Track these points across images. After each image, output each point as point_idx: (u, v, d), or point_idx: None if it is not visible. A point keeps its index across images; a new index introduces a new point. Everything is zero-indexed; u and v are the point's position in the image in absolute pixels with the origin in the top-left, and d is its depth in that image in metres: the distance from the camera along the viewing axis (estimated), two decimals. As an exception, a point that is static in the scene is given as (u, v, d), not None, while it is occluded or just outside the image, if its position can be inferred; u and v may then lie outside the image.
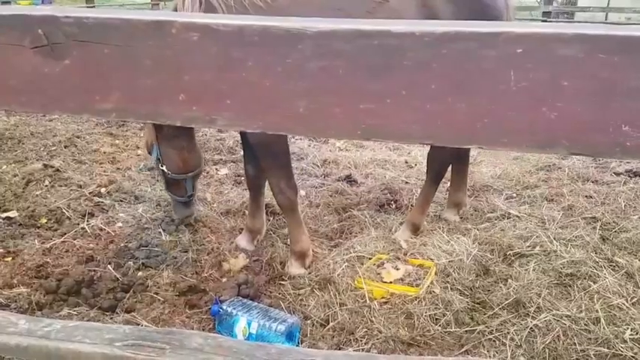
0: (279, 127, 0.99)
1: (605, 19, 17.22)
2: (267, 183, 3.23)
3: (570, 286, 2.73)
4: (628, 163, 4.74)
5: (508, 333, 2.41)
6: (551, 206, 3.72)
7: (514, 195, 4.03)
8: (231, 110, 0.96)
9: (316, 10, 2.64)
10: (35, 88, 1.04)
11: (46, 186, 4.05)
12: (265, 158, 2.93)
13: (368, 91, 0.89)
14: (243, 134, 3.18)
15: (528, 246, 3.09)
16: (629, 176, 4.34)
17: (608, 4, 17.36)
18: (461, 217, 3.67)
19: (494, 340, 2.39)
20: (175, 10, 2.65)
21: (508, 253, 3.04)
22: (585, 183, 4.19)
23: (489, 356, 2.29)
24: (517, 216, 3.55)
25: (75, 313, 2.57)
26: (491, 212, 3.67)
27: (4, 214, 3.58)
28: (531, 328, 2.45)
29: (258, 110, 0.96)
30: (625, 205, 3.69)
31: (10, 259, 3.09)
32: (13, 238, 3.32)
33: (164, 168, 3.20)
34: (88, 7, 17.73)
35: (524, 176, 4.42)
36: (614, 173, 4.45)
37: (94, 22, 0.96)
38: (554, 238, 3.16)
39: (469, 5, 2.86)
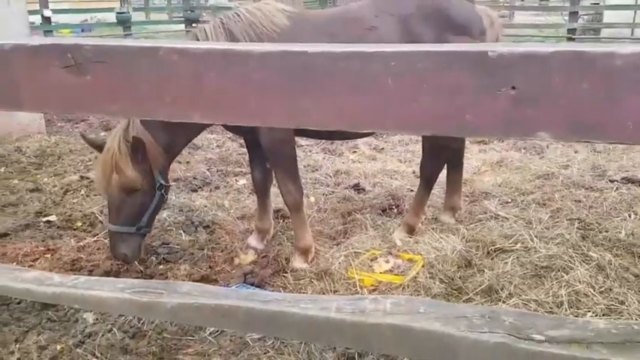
0: (236, 119, 1.37)
1: (631, 35, 17.19)
2: (272, 189, 3.62)
3: (544, 277, 3.00)
4: (626, 171, 4.96)
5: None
6: (540, 209, 3.99)
7: (509, 200, 4.30)
8: (203, 108, 1.35)
9: (316, 35, 3.03)
10: (64, 96, 1.44)
11: (82, 195, 4.54)
12: (274, 161, 3.30)
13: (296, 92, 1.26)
14: (250, 143, 3.57)
15: (510, 242, 3.37)
16: (623, 183, 4.55)
17: (634, 20, 17.32)
18: (456, 220, 3.97)
19: (466, 321, 2.68)
20: (196, 39, 3.04)
21: (491, 249, 3.33)
22: (578, 189, 4.43)
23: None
24: (505, 217, 3.83)
25: (103, 297, 2.98)
26: (483, 214, 3.96)
27: (45, 218, 4.06)
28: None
29: (223, 108, 1.34)
30: (610, 209, 3.92)
31: (49, 255, 3.54)
32: (52, 238, 3.78)
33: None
34: (124, 34, 18.69)
35: (522, 184, 4.68)
36: (609, 180, 4.67)
37: (106, 48, 1.36)
38: (536, 237, 3.43)
39: (449, 29, 3.18)
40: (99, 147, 3.09)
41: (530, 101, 1.10)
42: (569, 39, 16.45)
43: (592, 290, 2.84)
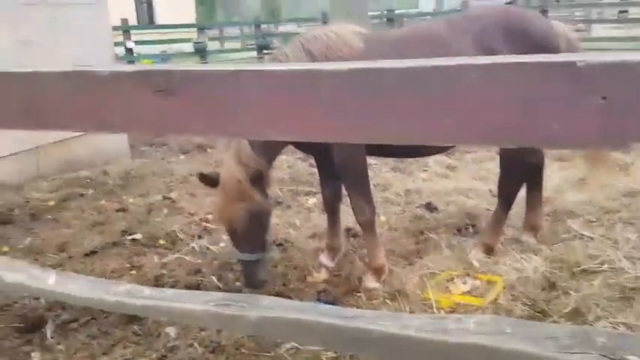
0: (310, 136, 1.40)
1: None
2: (342, 207, 3.64)
3: (633, 298, 2.82)
4: None
5: (565, 339, 2.57)
6: (627, 229, 3.76)
7: (594, 219, 4.09)
8: (278, 126, 1.39)
9: (390, 56, 3.04)
10: (155, 118, 1.53)
11: (164, 214, 4.75)
12: (347, 179, 3.32)
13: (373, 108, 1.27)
14: (320, 163, 3.61)
15: (596, 263, 3.19)
16: None
17: None
18: (537, 240, 3.81)
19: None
20: (278, 60, 3.07)
21: (575, 270, 3.17)
22: (670, 207, 4.15)
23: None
24: (590, 237, 3.64)
25: (184, 312, 3.09)
26: (566, 234, 3.78)
27: (130, 236, 4.28)
28: (591, 336, 2.58)
29: (298, 125, 1.38)
30: None
31: (134, 271, 3.72)
32: (137, 255, 3.98)
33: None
34: (201, 62, 19.57)
35: (608, 202, 4.44)
36: None
37: (192, 73, 1.44)
38: (624, 257, 3.23)
39: (525, 45, 3.10)
40: (216, 182, 2.98)
41: (621, 111, 1.05)
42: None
43: (690, 315, 2.64)
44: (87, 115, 1.54)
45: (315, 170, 6.01)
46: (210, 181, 3.01)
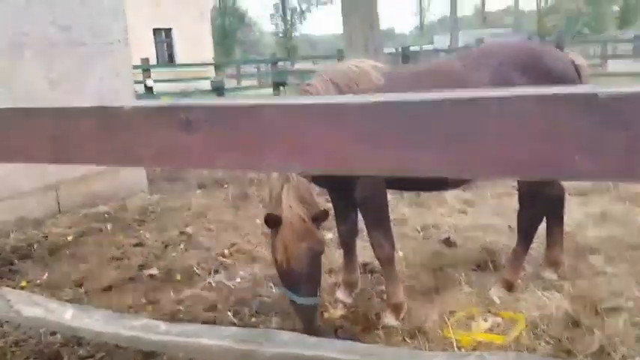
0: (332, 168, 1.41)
1: None
2: (359, 242, 3.61)
3: (662, 338, 2.73)
4: None
5: (593, 379, 2.48)
6: (651, 264, 3.67)
7: (615, 254, 4.00)
8: (304, 159, 1.39)
9: (407, 89, 3.07)
10: (178, 152, 1.55)
11: (181, 249, 4.76)
12: (367, 214, 3.30)
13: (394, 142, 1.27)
14: (337, 198, 3.60)
15: (620, 300, 3.11)
16: None
17: None
18: (558, 276, 3.73)
19: (578, 386, 2.48)
20: (308, 93, 3.05)
21: (599, 308, 3.08)
22: (695, 242, 4.04)
23: (571, 400, 2.38)
24: (614, 273, 3.55)
25: (200, 349, 3.05)
26: (588, 270, 3.70)
27: (147, 271, 4.28)
28: (617, 376, 2.50)
29: (323, 158, 1.38)
30: None
31: (150, 307, 3.71)
32: (153, 290, 3.97)
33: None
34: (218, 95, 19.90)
35: (630, 237, 4.35)
36: None
37: (215, 107, 1.46)
38: (650, 294, 3.15)
39: (541, 78, 3.11)
40: (278, 221, 2.82)
41: (645, 142, 1.04)
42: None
43: None
44: (112, 149, 1.57)
45: (331, 205, 6.06)
46: (276, 222, 2.82)
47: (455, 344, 2.92)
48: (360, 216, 3.51)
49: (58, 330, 2.88)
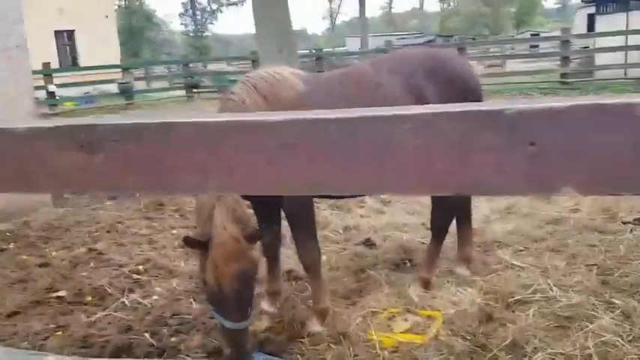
0: (252, 190, 1.36)
1: (625, 75, 17.51)
2: (281, 250, 3.58)
3: (568, 327, 2.91)
4: (638, 212, 4.91)
5: (507, 372, 2.60)
6: (555, 256, 3.93)
7: (522, 248, 4.24)
8: (215, 179, 1.34)
9: (330, 97, 3.08)
10: (79, 175, 1.44)
11: (91, 267, 4.49)
12: (295, 224, 3.27)
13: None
14: (259, 209, 3.55)
15: (529, 293, 3.29)
16: (636, 224, 4.50)
17: (626, 60, 17.66)
18: (470, 271, 3.89)
19: (493, 380, 2.59)
20: (232, 102, 2.94)
21: (510, 301, 3.25)
22: (591, 233, 4.37)
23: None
24: (521, 267, 3.76)
25: (116, 375, 2.89)
26: (498, 264, 3.89)
27: (55, 294, 4.00)
28: (529, 366, 2.64)
29: (238, 178, 1.33)
30: (627, 252, 3.86)
31: (60, 332, 3.46)
32: (62, 314, 3.71)
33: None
34: (127, 103, 19.10)
35: (534, 230, 4.63)
36: (621, 222, 4.62)
37: (119, 127, 1.37)
38: (555, 285, 3.35)
39: (449, 84, 3.26)
40: (205, 245, 2.67)
41: (550, 156, 1.09)
42: (563, 83, 16.79)
43: (620, 340, 2.75)
44: (6, 175, 1.43)
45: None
46: (197, 244, 2.70)
47: (377, 346, 2.96)
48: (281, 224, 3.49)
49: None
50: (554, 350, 2.69)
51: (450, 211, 3.73)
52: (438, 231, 3.72)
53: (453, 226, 3.94)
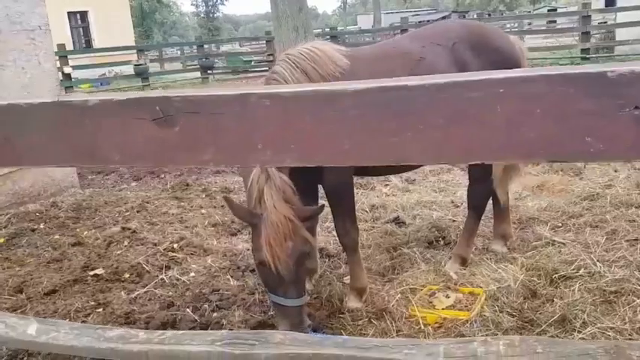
0: (332, 160, 1.34)
1: (646, 50, 17.13)
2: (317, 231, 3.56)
3: (614, 302, 2.88)
4: (673, 186, 4.83)
5: (556, 347, 2.58)
6: (595, 232, 3.87)
7: (559, 224, 4.19)
8: (296, 151, 1.31)
9: (374, 72, 3.03)
10: (154, 149, 1.41)
11: (125, 246, 4.52)
12: (336, 202, 3.25)
13: (395, 129, 1.22)
14: (297, 188, 3.52)
15: (573, 269, 3.26)
16: (674, 199, 4.43)
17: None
18: (508, 248, 3.86)
19: (543, 354, 2.57)
20: (275, 82, 2.86)
21: (554, 277, 3.22)
22: (629, 208, 4.30)
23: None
24: (562, 243, 3.72)
25: (162, 350, 2.91)
26: (537, 241, 3.85)
27: (92, 272, 4.03)
28: (578, 339, 2.61)
29: (316, 150, 1.31)
30: (668, 226, 3.80)
31: (101, 309, 3.50)
32: (101, 291, 3.74)
33: None
34: (143, 85, 19.11)
35: (569, 206, 4.57)
36: (658, 197, 4.54)
37: (195, 99, 1.34)
38: (598, 260, 3.31)
39: (491, 58, 3.20)
40: (251, 216, 2.68)
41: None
42: (584, 59, 16.49)
43: (669, 313, 2.71)
44: (77, 149, 1.41)
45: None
46: (246, 214, 2.70)
47: (421, 322, 2.95)
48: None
49: (22, 347, 2.64)
50: (603, 325, 2.66)
51: (489, 187, 3.68)
52: (477, 206, 3.68)
53: (488, 205, 3.90)
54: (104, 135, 1.42)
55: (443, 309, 3.06)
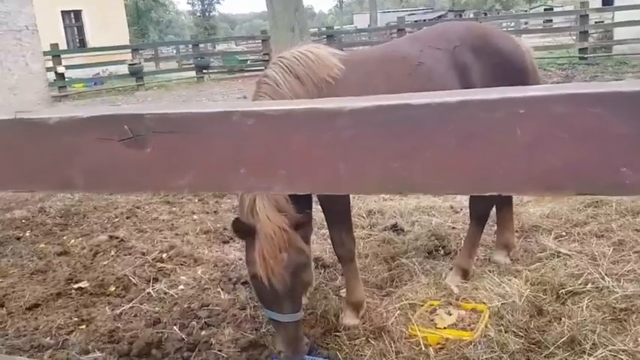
0: (325, 188, 1.16)
1: (644, 50, 16.99)
2: (313, 237, 3.39)
3: (625, 320, 2.72)
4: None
5: (566, 372, 2.42)
6: (601, 242, 3.71)
7: (564, 233, 4.03)
8: (284, 177, 1.14)
9: (370, 77, 2.87)
10: (122, 173, 1.24)
11: (112, 256, 4.35)
12: (331, 214, 3.10)
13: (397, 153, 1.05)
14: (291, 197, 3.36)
15: (580, 283, 3.10)
16: (681, 207, 4.27)
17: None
18: (511, 259, 3.70)
19: (553, 380, 2.41)
20: (267, 85, 2.73)
21: (560, 292, 3.06)
22: (636, 217, 4.15)
23: (549, 396, 2.30)
24: (567, 254, 3.56)
25: (147, 373, 2.74)
26: (542, 252, 3.69)
27: (77, 285, 3.85)
28: (589, 365, 2.45)
29: (306, 176, 1.13)
30: (677, 236, 3.64)
31: (84, 326, 3.32)
32: (85, 306, 3.57)
33: None
34: (137, 85, 18.90)
35: (573, 214, 4.41)
36: (665, 205, 4.39)
37: (169, 117, 1.17)
38: (606, 274, 3.16)
39: (492, 60, 3.04)
40: (248, 231, 2.54)
41: None
42: (582, 58, 16.34)
43: (685, 334, 2.56)
44: (36, 173, 1.24)
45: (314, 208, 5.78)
46: (248, 232, 2.54)
47: (422, 343, 2.79)
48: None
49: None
50: (614, 347, 2.50)
51: (492, 196, 3.52)
52: (480, 216, 3.51)
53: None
54: (66, 157, 1.25)
55: (445, 328, 2.90)
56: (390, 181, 1.10)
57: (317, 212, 3.40)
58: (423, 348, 2.75)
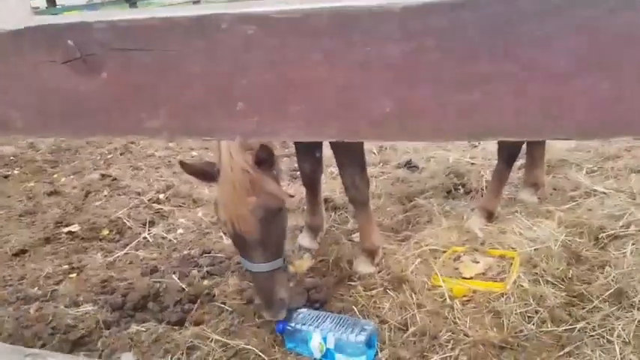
0: (360, 133, 0.79)
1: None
2: (322, 177, 3.08)
3: (677, 269, 2.43)
4: None
5: (614, 328, 2.14)
6: (639, 178, 3.37)
7: (595, 168, 3.68)
8: (297, 118, 0.77)
9: None
10: (72, 109, 0.88)
11: (105, 196, 4.04)
12: (344, 155, 2.76)
13: (471, 78, 0.68)
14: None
15: (622, 226, 2.78)
16: None
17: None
18: (539, 198, 3.37)
19: (598, 338, 2.13)
20: None
21: (600, 236, 2.75)
22: (676, 149, 3.79)
23: (595, 357, 2.03)
24: (604, 192, 3.22)
25: (143, 329, 2.49)
26: (574, 190, 3.35)
27: (67, 229, 3.57)
28: (639, 320, 2.17)
29: (331, 116, 0.76)
30: None
31: (74, 275, 3.06)
32: (76, 252, 3.30)
33: None
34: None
35: (603, 146, 4.03)
36: None
37: (129, 26, 0.79)
38: (650, 216, 2.83)
39: None
40: (203, 173, 2.29)
41: None
42: None
43: None
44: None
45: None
46: (199, 172, 2.29)
47: (447, 295, 2.50)
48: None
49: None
50: (668, 301, 2.22)
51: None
52: (509, 154, 3.15)
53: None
54: (10, 80, 0.88)
55: (471, 277, 2.61)
56: (461, 122, 0.73)
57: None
58: (448, 301, 2.47)
